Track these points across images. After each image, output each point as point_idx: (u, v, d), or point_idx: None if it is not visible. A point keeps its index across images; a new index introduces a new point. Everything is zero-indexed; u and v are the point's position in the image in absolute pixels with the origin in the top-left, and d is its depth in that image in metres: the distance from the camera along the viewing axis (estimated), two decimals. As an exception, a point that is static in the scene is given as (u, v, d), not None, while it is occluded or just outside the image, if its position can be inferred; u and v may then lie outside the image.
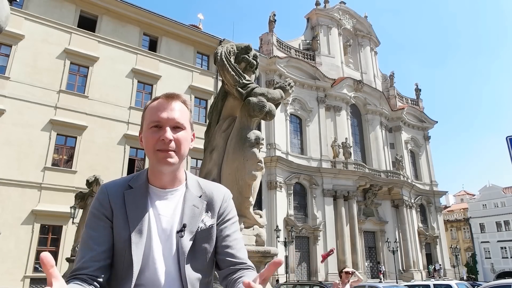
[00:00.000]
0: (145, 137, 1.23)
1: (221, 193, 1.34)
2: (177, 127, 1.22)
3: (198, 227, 1.23)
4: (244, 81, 4.15)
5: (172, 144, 1.19)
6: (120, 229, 1.18)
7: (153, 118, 1.22)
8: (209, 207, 1.29)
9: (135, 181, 1.27)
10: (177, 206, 1.26)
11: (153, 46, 25.01)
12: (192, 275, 1.19)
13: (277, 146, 29.10)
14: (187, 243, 1.20)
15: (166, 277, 1.17)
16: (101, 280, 1.14)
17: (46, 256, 0.85)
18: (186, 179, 1.32)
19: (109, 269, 1.18)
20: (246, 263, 1.26)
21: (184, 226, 1.21)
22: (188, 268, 1.18)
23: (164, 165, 1.20)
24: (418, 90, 45.56)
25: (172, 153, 1.20)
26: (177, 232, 1.21)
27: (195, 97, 25.45)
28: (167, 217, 1.23)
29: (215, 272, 1.32)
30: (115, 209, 1.20)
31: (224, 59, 4.16)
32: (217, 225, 1.29)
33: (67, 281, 1.07)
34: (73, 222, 14.55)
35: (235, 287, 1.18)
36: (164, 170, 1.22)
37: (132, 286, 1.12)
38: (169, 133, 1.19)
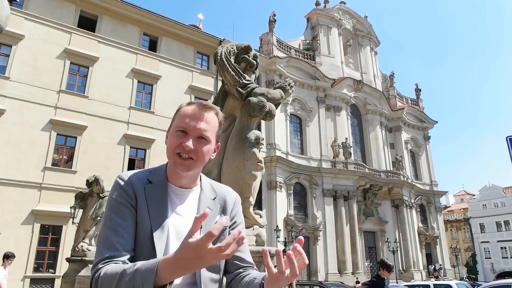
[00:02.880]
0: (169, 137, 1.28)
1: (233, 197, 1.39)
2: (201, 138, 1.24)
3: None
4: (244, 81, 4.15)
5: (191, 153, 1.22)
6: (143, 220, 1.19)
7: (182, 123, 1.25)
8: (223, 210, 1.33)
9: (154, 176, 1.29)
10: (192, 207, 1.29)
11: (153, 46, 25.00)
12: (206, 275, 1.22)
13: (277, 146, 29.10)
14: None
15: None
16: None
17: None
18: (200, 181, 1.35)
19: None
20: (253, 266, 1.32)
21: (200, 227, 1.23)
22: (203, 268, 1.20)
23: (179, 171, 1.24)
24: (418, 90, 45.57)
25: (189, 161, 1.23)
26: None
27: (195, 97, 25.44)
28: (184, 216, 1.25)
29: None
30: (139, 200, 1.21)
31: (224, 59, 4.16)
32: (229, 227, 1.33)
33: (104, 266, 1.08)
34: (73, 222, 14.54)
35: (244, 280, 1.23)
36: (179, 174, 1.26)
37: None
38: (191, 142, 1.22)
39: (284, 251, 5.81)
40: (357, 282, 23.90)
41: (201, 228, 1.21)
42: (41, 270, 17.62)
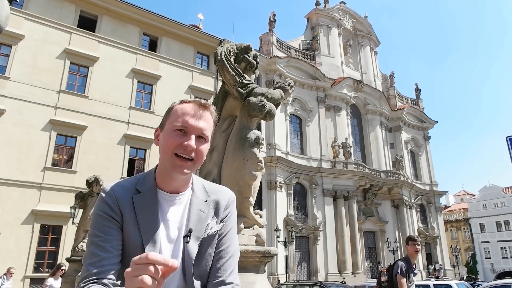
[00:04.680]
0: (165, 137, 1.20)
1: (226, 197, 1.32)
2: (201, 138, 1.19)
3: (204, 232, 1.21)
4: (244, 81, 4.15)
5: (193, 154, 1.17)
6: (132, 235, 1.14)
7: (180, 122, 1.18)
8: (215, 212, 1.27)
9: (142, 185, 1.22)
10: (184, 211, 1.23)
11: (153, 46, 25.01)
12: (197, 281, 1.19)
13: (277, 146, 29.10)
14: (193, 248, 1.18)
15: (173, 283, 1.16)
16: (118, 285, 1.11)
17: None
18: (192, 182, 1.29)
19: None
20: (225, 281, 1.21)
21: (190, 231, 1.19)
22: (195, 276, 1.18)
23: (177, 173, 1.18)
24: (418, 90, 45.58)
25: (190, 163, 1.17)
26: (184, 237, 1.19)
27: (195, 97, 25.36)
28: (175, 223, 1.20)
29: None
30: (125, 214, 1.16)
31: (224, 59, 4.16)
32: (219, 230, 1.28)
33: (89, 285, 1.04)
34: (73, 222, 14.54)
35: None
36: (176, 177, 1.20)
37: None
38: (193, 142, 1.16)
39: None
40: (343, 282, 23.76)
41: (191, 232, 1.18)
42: (41, 270, 17.61)
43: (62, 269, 8.43)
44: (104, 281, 1.05)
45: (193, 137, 1.17)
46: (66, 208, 16.08)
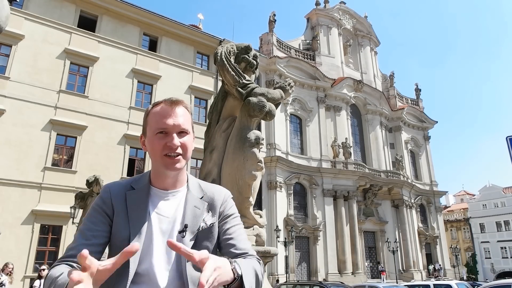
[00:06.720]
0: (151, 142, 1.27)
1: (222, 194, 1.38)
2: (182, 132, 1.27)
3: (200, 226, 1.27)
4: (244, 81, 4.15)
5: (179, 149, 1.25)
6: (120, 228, 1.22)
7: (159, 125, 1.25)
8: (210, 207, 1.32)
9: (137, 183, 1.32)
10: (178, 207, 1.29)
11: (153, 46, 25.00)
12: (194, 274, 1.20)
13: (277, 146, 29.09)
14: (188, 242, 1.23)
15: (166, 275, 1.19)
16: None
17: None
18: (187, 181, 1.36)
19: None
20: (247, 253, 1.29)
21: (185, 226, 1.24)
22: (189, 267, 1.20)
23: (171, 171, 1.26)
24: (418, 90, 45.57)
25: (179, 157, 1.25)
26: (179, 232, 1.24)
27: (195, 97, 25.44)
28: (168, 218, 1.26)
29: None
30: (116, 208, 1.25)
31: (224, 59, 4.16)
32: (218, 222, 1.32)
33: (57, 265, 1.12)
34: (73, 222, 14.55)
35: None
36: (170, 174, 1.28)
37: (128, 283, 1.14)
38: (176, 140, 1.24)
39: None
40: (324, 280, 23.72)
41: (187, 227, 1.24)
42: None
43: (9, 267, 8.38)
44: (73, 264, 1.12)
45: (174, 135, 1.24)
46: (66, 208, 16.07)
